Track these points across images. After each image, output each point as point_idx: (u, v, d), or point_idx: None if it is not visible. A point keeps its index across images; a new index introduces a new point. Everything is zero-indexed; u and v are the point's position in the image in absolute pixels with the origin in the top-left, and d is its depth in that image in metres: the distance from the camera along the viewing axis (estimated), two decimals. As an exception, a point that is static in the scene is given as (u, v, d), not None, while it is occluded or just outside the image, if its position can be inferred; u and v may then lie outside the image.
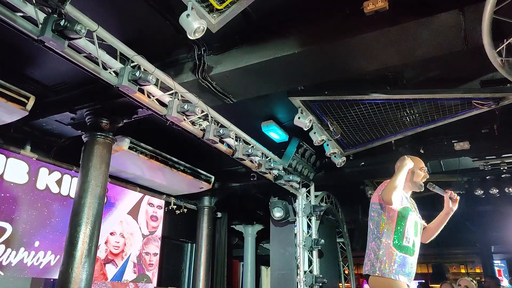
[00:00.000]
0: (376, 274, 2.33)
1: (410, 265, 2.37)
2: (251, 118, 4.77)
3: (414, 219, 2.47)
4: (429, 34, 2.84)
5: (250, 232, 8.32)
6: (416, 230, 2.47)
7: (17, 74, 3.82)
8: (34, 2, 2.42)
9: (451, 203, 2.54)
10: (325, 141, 4.61)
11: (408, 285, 2.36)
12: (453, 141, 5.01)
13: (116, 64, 2.99)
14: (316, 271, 5.81)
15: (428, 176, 2.59)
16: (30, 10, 2.43)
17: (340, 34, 2.99)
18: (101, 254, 5.30)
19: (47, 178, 4.82)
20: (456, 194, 2.56)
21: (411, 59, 3.15)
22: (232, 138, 4.13)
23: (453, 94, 3.77)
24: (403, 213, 2.41)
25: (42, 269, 4.62)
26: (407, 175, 2.54)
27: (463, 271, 12.97)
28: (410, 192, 2.61)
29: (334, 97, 3.96)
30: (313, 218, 6.09)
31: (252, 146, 4.53)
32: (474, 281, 4.00)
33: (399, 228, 2.39)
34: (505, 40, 2.58)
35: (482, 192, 5.87)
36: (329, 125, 4.42)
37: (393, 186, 2.32)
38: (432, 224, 2.63)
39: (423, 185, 2.58)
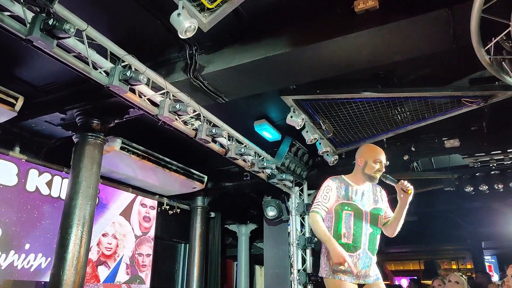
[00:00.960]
0: (323, 276, 2.33)
1: (353, 262, 2.23)
2: (244, 117, 4.77)
3: (358, 213, 2.33)
4: (418, 33, 2.88)
5: (243, 231, 8.31)
6: (361, 225, 2.32)
7: (5, 74, 3.75)
8: (22, 1, 2.38)
9: (403, 195, 2.27)
10: (317, 140, 4.63)
11: (358, 284, 2.27)
12: (443, 139, 5.07)
13: (107, 64, 2.96)
14: (309, 270, 5.83)
15: (384, 170, 2.39)
16: (18, 9, 2.39)
17: (331, 33, 3.01)
18: (93, 256, 5.24)
19: (37, 179, 4.74)
20: (409, 185, 2.27)
21: (401, 58, 3.18)
22: (225, 138, 4.12)
23: (442, 92, 3.83)
24: (338, 210, 2.35)
25: (32, 272, 4.55)
26: (359, 166, 2.44)
27: (454, 267, 13.15)
28: (365, 183, 2.44)
29: (326, 96, 3.98)
30: (306, 217, 6.11)
31: (245, 146, 4.53)
32: (464, 276, 4.06)
33: (336, 225, 2.34)
34: (493, 38, 2.61)
35: (472, 188, 5.93)
36: (321, 124, 4.45)
37: (314, 229, 2.32)
38: (390, 220, 2.42)
39: (377, 177, 2.38)
